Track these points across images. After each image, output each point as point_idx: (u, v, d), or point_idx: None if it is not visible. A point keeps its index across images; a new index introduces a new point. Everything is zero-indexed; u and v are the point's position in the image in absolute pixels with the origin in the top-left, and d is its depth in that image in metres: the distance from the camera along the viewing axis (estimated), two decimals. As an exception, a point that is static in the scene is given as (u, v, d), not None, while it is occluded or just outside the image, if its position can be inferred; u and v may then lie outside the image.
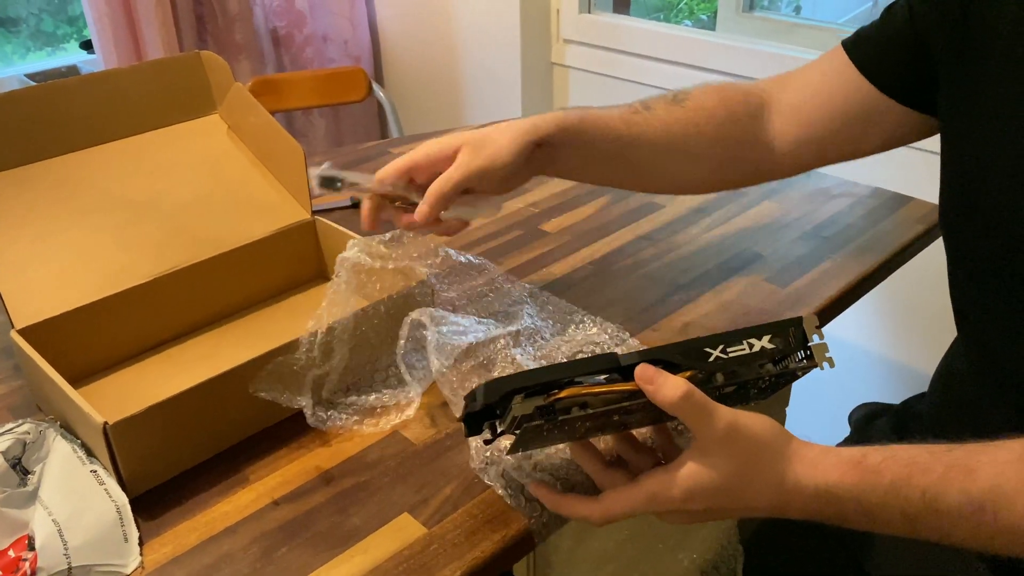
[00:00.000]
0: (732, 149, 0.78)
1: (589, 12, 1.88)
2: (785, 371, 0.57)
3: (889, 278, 0.94)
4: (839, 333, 1.58)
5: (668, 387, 0.53)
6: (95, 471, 0.62)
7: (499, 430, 0.55)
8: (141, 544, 0.59)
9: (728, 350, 0.55)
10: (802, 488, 0.56)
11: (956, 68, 0.67)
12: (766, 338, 0.55)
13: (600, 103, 0.79)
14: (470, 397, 0.55)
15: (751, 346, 0.55)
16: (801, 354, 0.56)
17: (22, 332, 0.70)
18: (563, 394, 0.52)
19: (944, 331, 0.82)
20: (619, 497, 0.57)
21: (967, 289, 0.73)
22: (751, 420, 0.55)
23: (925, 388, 0.89)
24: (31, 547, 0.57)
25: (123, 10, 1.86)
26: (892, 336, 1.54)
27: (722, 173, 0.82)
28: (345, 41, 2.22)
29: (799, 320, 0.56)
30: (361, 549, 0.58)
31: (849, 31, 0.79)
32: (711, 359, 0.55)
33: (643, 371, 0.53)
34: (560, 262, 0.94)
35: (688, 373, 0.54)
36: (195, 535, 0.60)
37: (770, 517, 0.58)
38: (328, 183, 0.72)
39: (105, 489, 0.61)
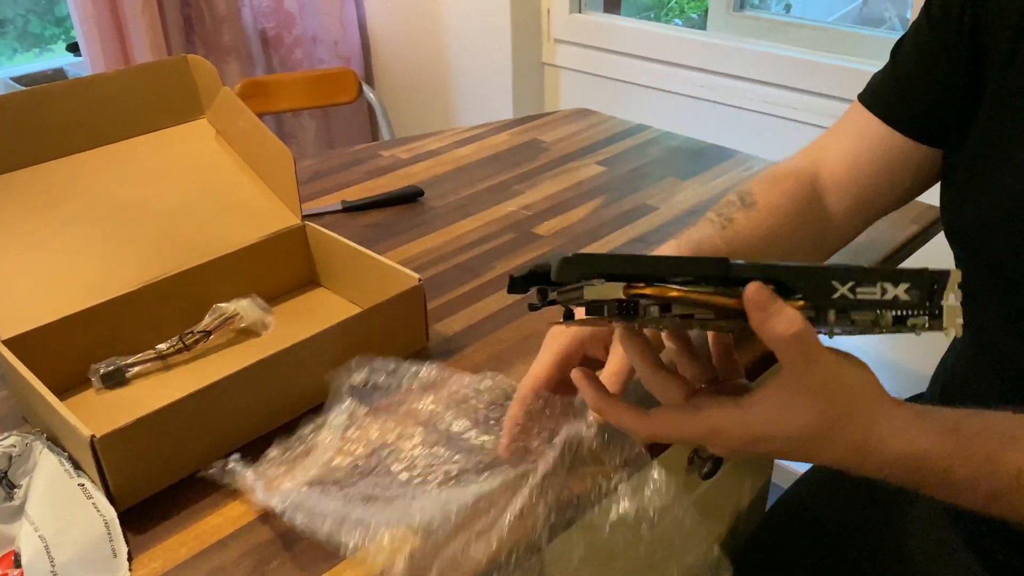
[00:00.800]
0: (807, 236, 0.76)
1: (580, 12, 1.87)
2: (903, 327, 0.48)
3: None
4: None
5: (782, 320, 0.46)
6: (83, 484, 0.61)
7: (550, 298, 0.50)
8: (130, 559, 0.58)
9: (858, 290, 0.47)
10: (884, 451, 0.51)
11: (972, 94, 0.68)
12: (903, 286, 0.47)
13: (592, 103, 0.78)
14: (533, 268, 0.48)
15: (884, 291, 0.47)
16: (932, 312, 0.48)
17: (7, 343, 0.69)
18: (649, 291, 0.45)
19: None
20: (675, 419, 0.52)
21: (973, 290, 0.73)
22: (851, 372, 0.51)
23: (924, 388, 0.89)
24: (17, 564, 0.56)
25: (110, 12, 1.84)
26: (890, 336, 1.54)
27: (791, 254, 0.78)
28: (335, 42, 2.21)
29: (945, 273, 0.48)
30: (353, 563, 0.57)
31: (838, 29, 0.79)
32: (835, 295, 0.47)
33: (757, 293, 0.45)
34: (553, 265, 0.93)
35: (799, 304, 0.46)
36: (185, 549, 0.59)
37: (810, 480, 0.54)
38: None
39: (93, 503, 0.60)
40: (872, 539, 0.84)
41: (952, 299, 0.48)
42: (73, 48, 1.99)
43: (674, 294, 0.45)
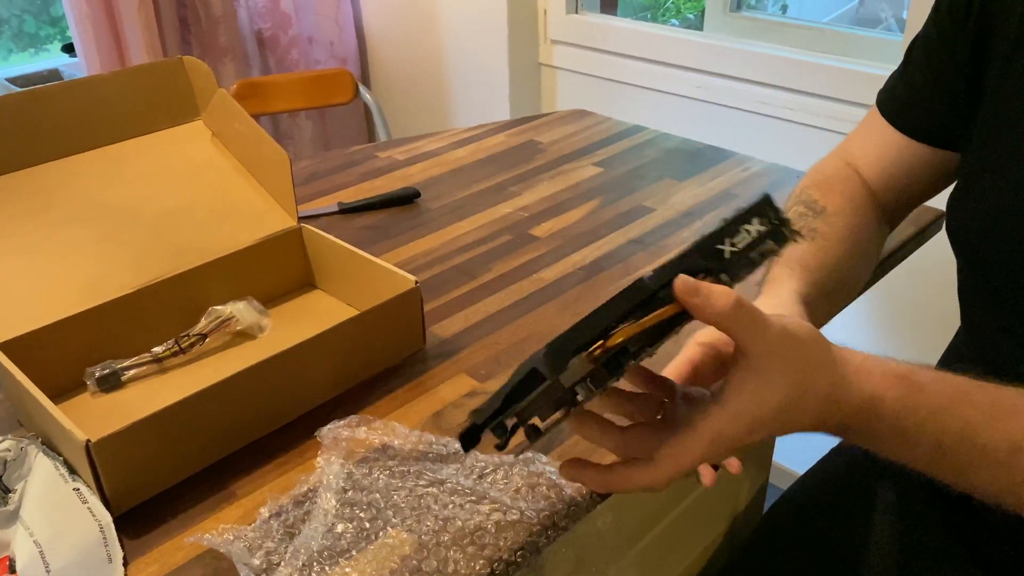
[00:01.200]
0: (876, 228, 0.79)
1: (576, 12, 1.87)
2: (778, 248, 0.49)
3: (884, 280, 0.94)
4: (834, 335, 1.57)
5: (718, 297, 0.46)
6: (78, 489, 0.61)
7: (510, 427, 0.51)
8: (126, 564, 0.58)
9: (735, 243, 0.48)
10: (849, 397, 0.52)
11: (978, 96, 0.69)
12: (756, 221, 0.48)
13: (589, 104, 0.78)
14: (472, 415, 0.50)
15: (749, 232, 0.48)
16: (786, 227, 0.49)
17: (2, 346, 0.69)
18: (610, 343, 0.46)
19: (940, 332, 0.82)
20: (678, 450, 0.51)
21: (972, 292, 0.73)
22: (796, 324, 0.51)
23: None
24: (12, 569, 0.56)
25: (105, 13, 1.83)
26: (887, 338, 1.54)
27: (878, 247, 0.81)
28: (331, 43, 2.20)
29: (768, 197, 0.49)
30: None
31: (835, 30, 0.80)
32: (727, 255, 0.48)
33: (685, 284, 0.46)
34: (550, 267, 0.93)
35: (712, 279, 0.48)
36: (182, 553, 0.59)
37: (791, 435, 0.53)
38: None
39: (88, 508, 0.60)
40: (869, 541, 0.84)
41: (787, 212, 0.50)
42: (68, 49, 1.98)
43: (635, 329, 0.47)
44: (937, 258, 0.75)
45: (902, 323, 1.52)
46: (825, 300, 0.69)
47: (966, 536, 0.77)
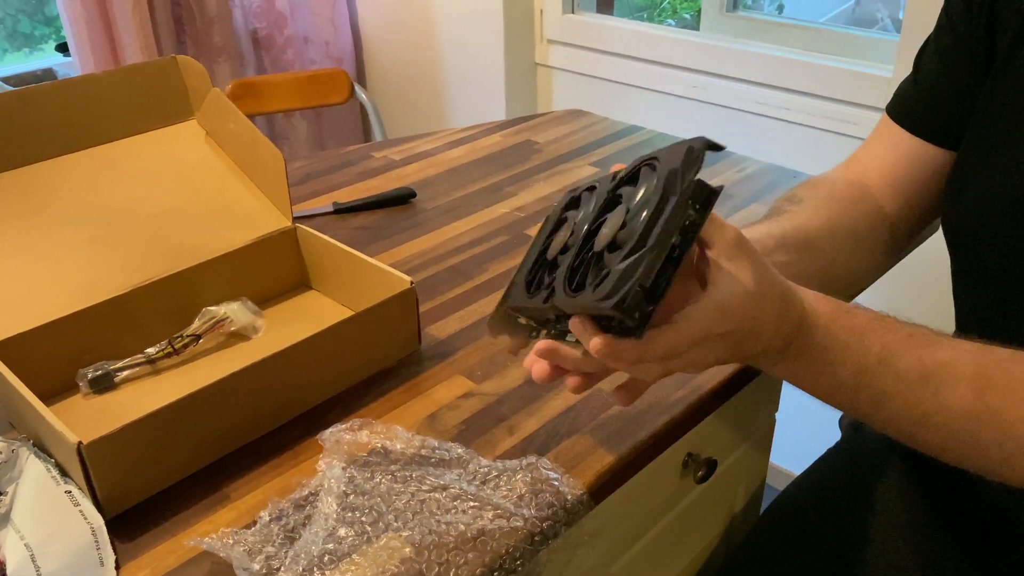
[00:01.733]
0: (862, 226, 0.77)
1: (573, 12, 1.87)
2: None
3: (880, 280, 0.94)
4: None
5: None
6: (70, 491, 0.60)
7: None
8: (118, 568, 0.57)
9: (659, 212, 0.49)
10: (795, 303, 0.54)
11: (987, 96, 0.68)
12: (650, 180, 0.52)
13: (585, 104, 0.78)
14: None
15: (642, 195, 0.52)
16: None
17: (-7, 348, 0.68)
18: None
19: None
20: (670, 333, 0.50)
21: (969, 293, 0.73)
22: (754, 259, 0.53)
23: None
24: (2, 573, 0.55)
25: (99, 12, 1.83)
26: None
27: (872, 254, 0.79)
28: (326, 42, 2.20)
29: (637, 162, 0.53)
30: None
31: (831, 29, 0.79)
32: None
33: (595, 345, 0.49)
34: (546, 268, 0.92)
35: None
36: (174, 557, 0.58)
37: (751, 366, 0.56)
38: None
39: (80, 510, 0.59)
40: (865, 542, 0.83)
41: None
42: (63, 48, 1.97)
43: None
44: (934, 256, 0.74)
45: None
46: (783, 253, 0.69)
47: (962, 536, 0.76)
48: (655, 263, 0.46)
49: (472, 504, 0.60)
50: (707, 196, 0.50)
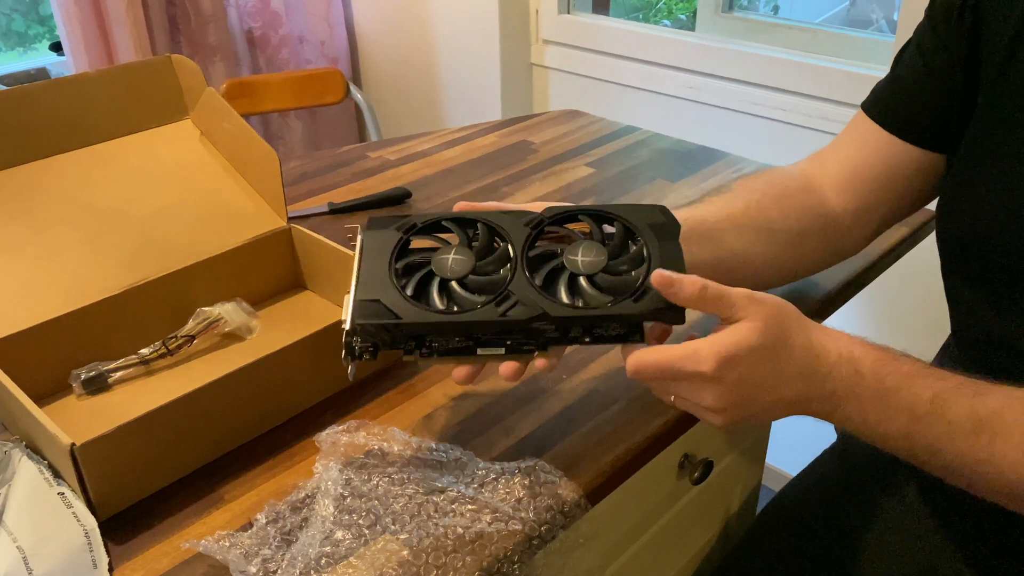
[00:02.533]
0: (802, 220, 0.76)
1: (568, 13, 1.86)
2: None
3: (876, 280, 0.94)
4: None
5: (686, 285, 0.54)
6: (62, 493, 0.60)
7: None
8: (111, 570, 0.57)
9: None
10: (828, 348, 0.56)
11: (972, 98, 0.68)
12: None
13: (581, 104, 0.77)
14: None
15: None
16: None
17: (-15, 348, 0.68)
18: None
19: (933, 334, 0.82)
20: (653, 350, 0.56)
21: (959, 297, 0.73)
22: (761, 293, 0.56)
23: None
24: (-5, 576, 0.55)
25: (93, 12, 1.82)
26: (881, 339, 1.54)
27: (802, 248, 0.77)
28: (322, 42, 2.19)
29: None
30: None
31: (826, 30, 0.79)
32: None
33: (660, 277, 0.55)
34: (542, 268, 0.92)
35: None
36: (168, 559, 0.58)
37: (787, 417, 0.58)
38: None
39: (73, 512, 0.59)
40: (861, 542, 0.83)
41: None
42: (56, 47, 1.97)
43: None
44: (933, 260, 0.74)
45: (897, 324, 1.52)
46: (696, 242, 0.70)
47: (957, 536, 0.76)
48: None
49: (470, 507, 0.60)
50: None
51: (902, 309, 1.49)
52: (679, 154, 1.23)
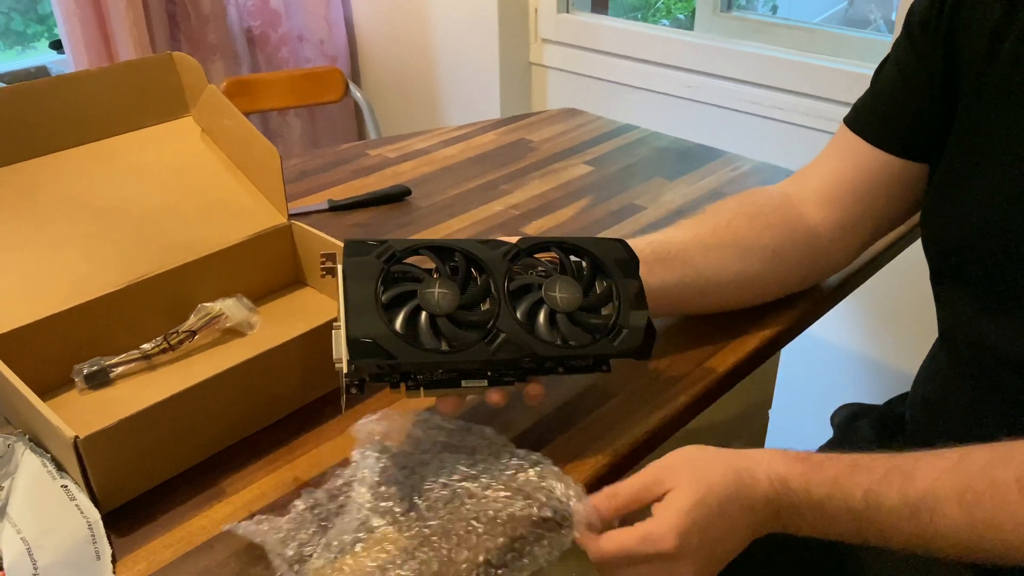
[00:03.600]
0: (776, 238, 0.76)
1: (567, 12, 1.87)
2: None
3: (871, 279, 0.94)
4: (822, 334, 1.58)
5: (603, 511, 0.57)
6: (66, 486, 0.60)
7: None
8: (114, 561, 0.58)
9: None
10: (757, 479, 0.57)
11: (951, 107, 0.69)
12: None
13: (579, 103, 0.78)
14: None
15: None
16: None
17: (-11, 343, 0.68)
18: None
19: (926, 331, 0.82)
20: (613, 535, 0.57)
21: (946, 299, 0.73)
22: (676, 452, 0.59)
23: (908, 388, 0.89)
24: (-1, 567, 0.55)
25: (93, 10, 1.82)
26: (875, 337, 1.55)
27: (778, 265, 0.77)
28: (321, 41, 2.20)
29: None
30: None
31: (824, 30, 0.79)
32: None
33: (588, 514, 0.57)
34: (541, 265, 0.93)
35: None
36: (170, 551, 0.58)
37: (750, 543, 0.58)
38: None
39: (76, 505, 0.59)
40: (859, 550, 0.84)
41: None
42: (56, 46, 1.97)
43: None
44: (923, 263, 0.75)
45: (890, 321, 1.53)
46: (661, 265, 0.73)
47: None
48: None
49: (503, 494, 0.60)
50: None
51: (897, 305, 1.49)
52: (677, 152, 1.24)
